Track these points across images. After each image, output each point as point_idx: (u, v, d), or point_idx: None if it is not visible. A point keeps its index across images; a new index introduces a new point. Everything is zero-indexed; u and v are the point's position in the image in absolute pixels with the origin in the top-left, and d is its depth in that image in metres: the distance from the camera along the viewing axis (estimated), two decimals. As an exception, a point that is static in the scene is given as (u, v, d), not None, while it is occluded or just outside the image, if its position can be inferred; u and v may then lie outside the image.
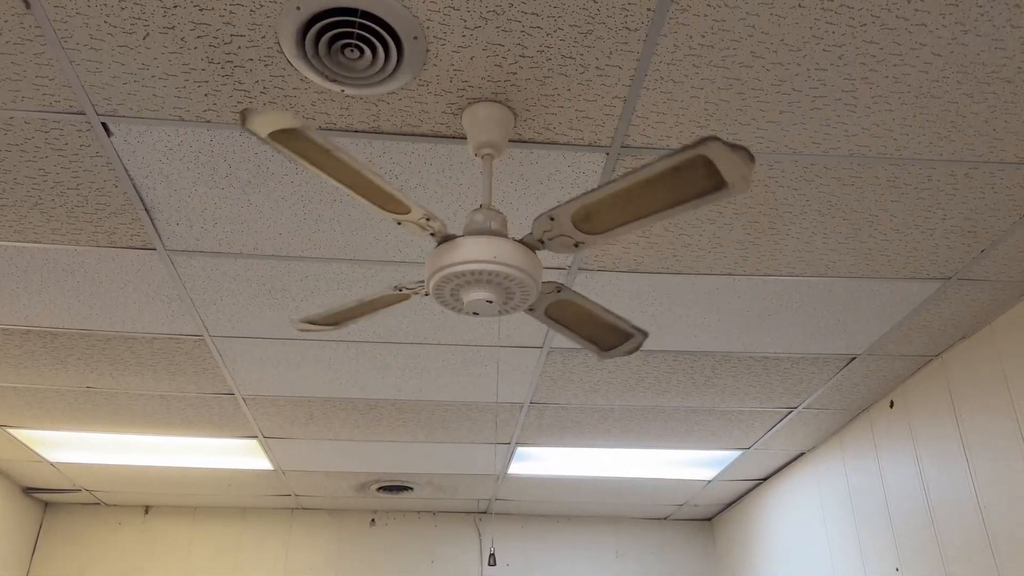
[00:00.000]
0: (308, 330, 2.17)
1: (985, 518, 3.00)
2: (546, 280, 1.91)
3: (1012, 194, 2.28)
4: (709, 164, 1.55)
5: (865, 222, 2.40)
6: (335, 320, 2.11)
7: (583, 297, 2.01)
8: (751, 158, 1.39)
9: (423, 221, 1.74)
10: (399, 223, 1.76)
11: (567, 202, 1.68)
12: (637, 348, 2.17)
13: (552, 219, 1.71)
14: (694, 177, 1.59)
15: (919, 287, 2.76)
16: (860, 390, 3.62)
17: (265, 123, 1.47)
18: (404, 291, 1.93)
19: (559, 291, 1.97)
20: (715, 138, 1.42)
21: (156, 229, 2.42)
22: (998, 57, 1.80)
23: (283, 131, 1.51)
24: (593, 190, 1.65)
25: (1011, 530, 2.87)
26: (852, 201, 2.30)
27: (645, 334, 2.14)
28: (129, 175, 2.18)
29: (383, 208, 1.70)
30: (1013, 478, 2.87)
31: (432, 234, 1.78)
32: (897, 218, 2.38)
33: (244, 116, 1.45)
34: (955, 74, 1.85)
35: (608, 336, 2.14)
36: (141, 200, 2.28)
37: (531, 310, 2.03)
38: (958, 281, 2.73)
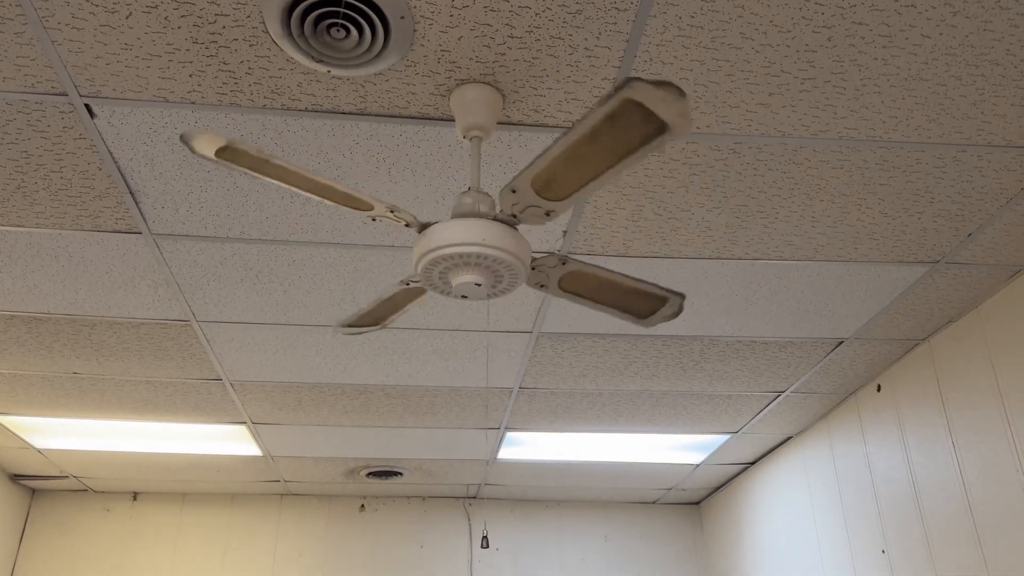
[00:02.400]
0: (352, 333, 2.24)
1: (970, 501, 3.03)
2: (547, 253, 1.88)
3: (999, 177, 2.28)
4: (642, 107, 1.50)
5: (853, 206, 2.40)
6: (372, 320, 2.16)
7: (594, 266, 1.94)
8: (681, 93, 1.34)
9: (389, 214, 1.76)
10: (374, 219, 1.80)
11: (521, 171, 1.65)
12: (678, 312, 2.04)
13: (514, 191, 1.66)
14: (632, 124, 1.55)
15: (907, 271, 2.77)
16: (847, 374, 3.64)
17: (204, 143, 1.57)
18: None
19: (564, 263, 1.91)
20: (637, 78, 1.38)
21: (141, 213, 2.39)
22: (987, 39, 1.80)
23: (227, 148, 1.61)
24: (541, 155, 1.61)
25: (996, 512, 2.90)
26: (840, 184, 2.30)
27: (681, 296, 2.00)
28: (113, 158, 2.15)
29: (350, 207, 1.76)
30: (998, 461, 2.89)
31: (407, 224, 1.81)
32: (885, 202, 2.39)
33: (182, 139, 1.57)
34: (944, 56, 1.85)
35: (639, 303, 2.02)
36: (126, 183, 2.26)
37: (542, 286, 1.98)
38: (945, 265, 2.74)
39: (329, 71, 1.85)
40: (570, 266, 1.93)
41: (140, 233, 2.50)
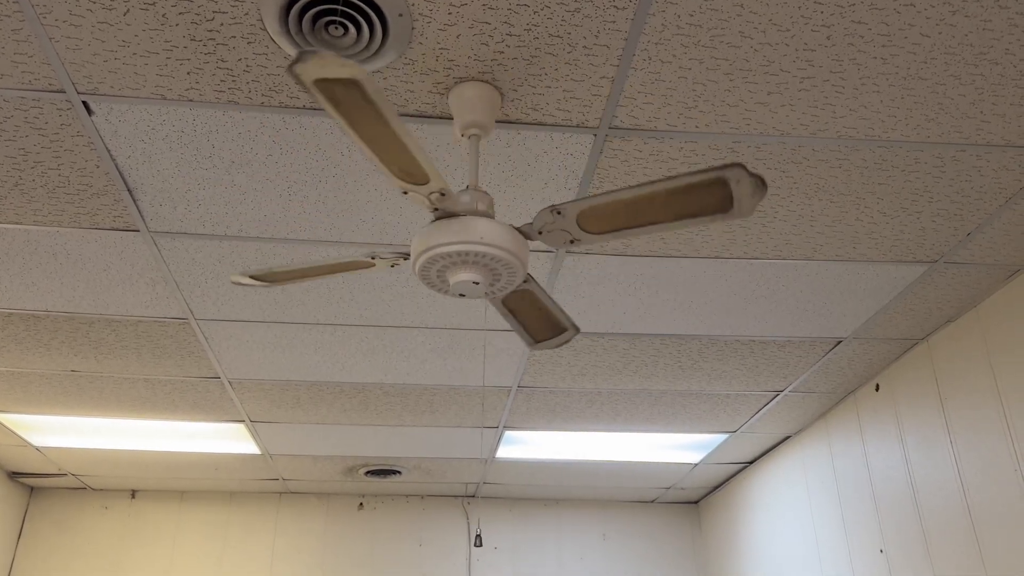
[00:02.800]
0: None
1: (968, 501, 3.03)
2: (537, 214, 1.85)
3: (998, 177, 2.28)
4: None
5: (852, 205, 2.40)
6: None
7: (594, 196, 1.76)
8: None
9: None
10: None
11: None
12: (759, 183, 1.73)
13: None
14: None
15: (905, 270, 2.77)
16: (846, 373, 3.63)
17: (242, 279, 1.88)
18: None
19: (560, 212, 1.79)
20: (740, 165, 1.46)
21: (139, 210, 2.39)
22: (986, 38, 1.80)
23: (257, 276, 1.87)
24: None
25: (993, 512, 2.90)
26: (839, 184, 2.30)
27: (739, 165, 1.65)
28: (111, 155, 2.15)
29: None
30: (996, 461, 2.89)
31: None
32: (884, 201, 2.38)
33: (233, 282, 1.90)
34: (943, 55, 1.85)
35: (700, 199, 1.74)
36: (123, 181, 2.25)
37: (573, 241, 1.84)
38: (944, 264, 2.74)
39: (327, 69, 1.85)
40: (569, 211, 1.76)
41: (138, 231, 2.50)
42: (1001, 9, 1.72)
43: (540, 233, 1.78)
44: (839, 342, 3.32)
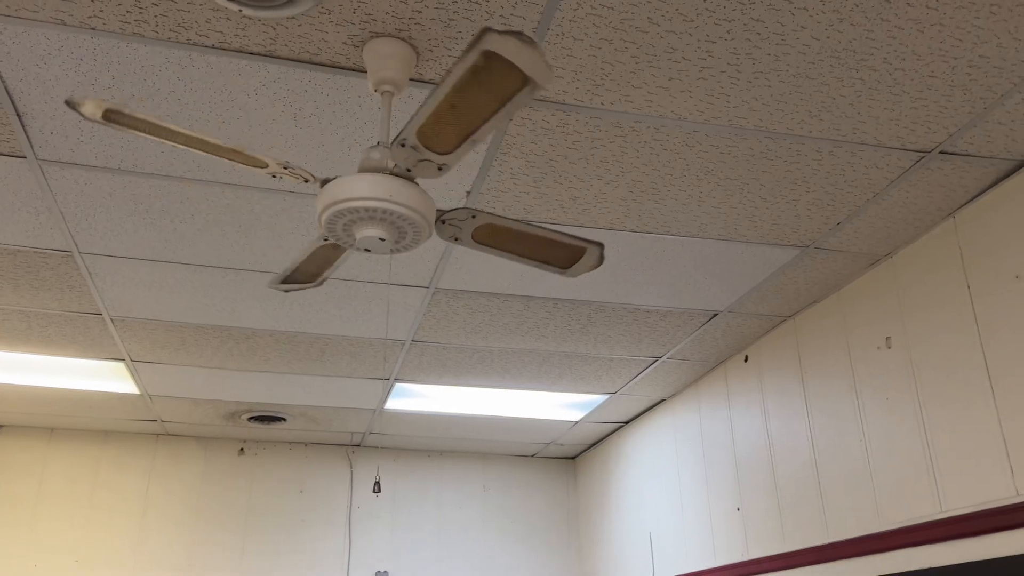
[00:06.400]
0: (289, 290, 2.27)
1: (818, 465, 3.33)
2: (458, 208, 1.92)
3: (869, 173, 2.49)
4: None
5: (736, 189, 2.57)
6: (307, 277, 2.19)
7: (505, 218, 2.01)
8: (531, 41, 1.39)
9: (283, 171, 1.82)
10: (274, 176, 1.86)
11: (406, 125, 1.70)
12: (599, 261, 2.11)
13: (403, 144, 1.71)
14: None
15: (780, 253, 2.99)
16: (719, 344, 3.88)
17: (93, 107, 1.67)
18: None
19: (475, 216, 1.98)
20: (490, 28, 1.44)
21: (27, 136, 2.28)
22: (867, 46, 1.96)
23: (114, 112, 1.69)
24: (420, 108, 1.66)
25: (838, 476, 3.21)
26: (727, 169, 2.46)
27: (599, 245, 2.05)
28: (1, 77, 2.04)
29: (243, 164, 1.84)
30: (845, 430, 3.19)
31: (306, 181, 1.85)
32: (765, 188, 2.56)
33: (68, 103, 1.66)
34: (829, 58, 2.00)
35: (558, 254, 2.08)
36: (12, 104, 2.15)
37: (456, 239, 2.03)
38: (814, 250, 2.97)
39: (240, 10, 1.82)
40: (481, 219, 1.97)
41: (24, 157, 2.38)
42: (882, 21, 1.88)
43: (409, 171, 1.80)
44: (715, 315, 3.54)
